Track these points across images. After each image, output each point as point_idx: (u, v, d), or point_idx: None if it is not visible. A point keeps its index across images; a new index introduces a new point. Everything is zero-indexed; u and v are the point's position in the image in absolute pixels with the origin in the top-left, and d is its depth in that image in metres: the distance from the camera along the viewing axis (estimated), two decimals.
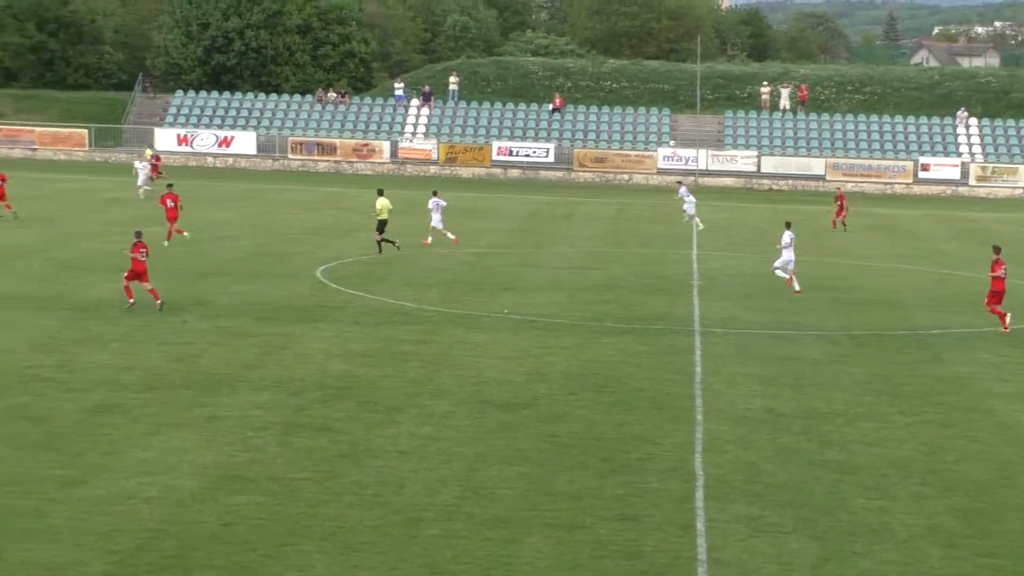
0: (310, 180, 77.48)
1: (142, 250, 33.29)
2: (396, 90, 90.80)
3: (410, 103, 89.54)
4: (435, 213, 47.50)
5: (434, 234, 47.45)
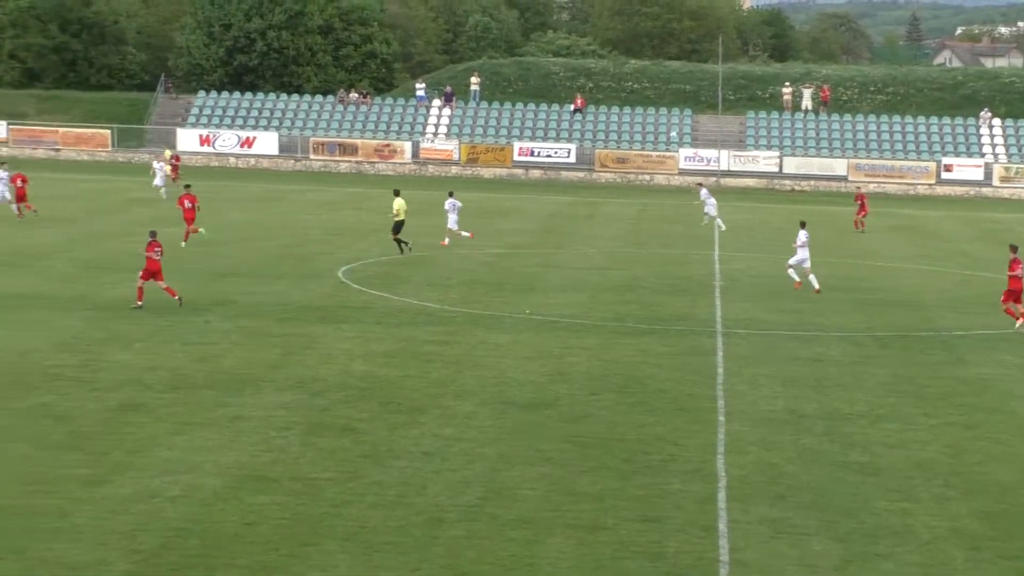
0: (331, 180, 77.60)
1: (156, 249, 33.43)
2: (418, 91, 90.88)
3: (432, 103, 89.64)
4: (451, 214, 47.55)
5: (450, 235, 47.51)
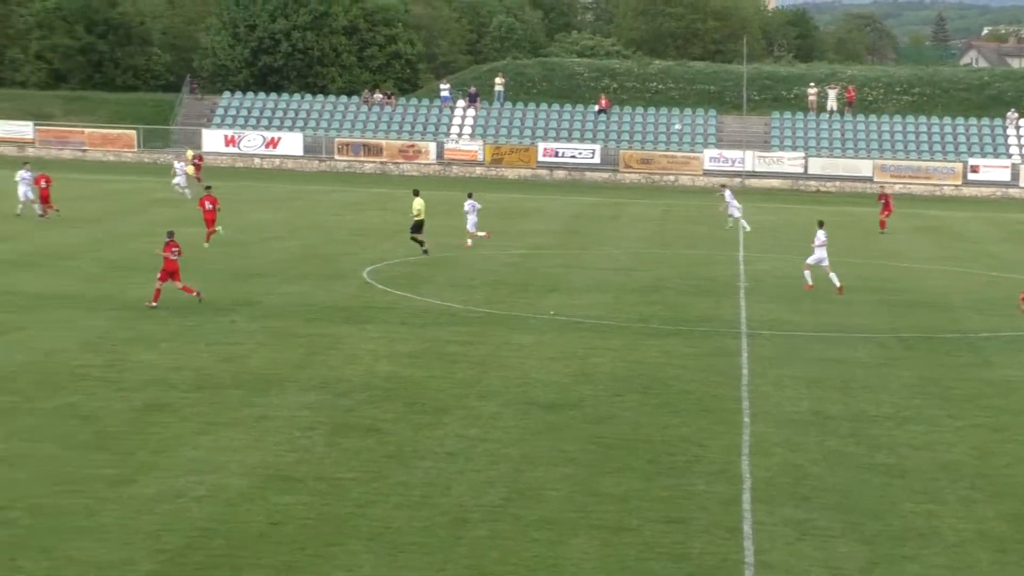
0: (356, 181, 77.72)
1: (174, 249, 33.59)
2: (442, 91, 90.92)
3: (456, 104, 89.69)
4: (471, 215, 47.62)
5: (470, 236, 47.55)
